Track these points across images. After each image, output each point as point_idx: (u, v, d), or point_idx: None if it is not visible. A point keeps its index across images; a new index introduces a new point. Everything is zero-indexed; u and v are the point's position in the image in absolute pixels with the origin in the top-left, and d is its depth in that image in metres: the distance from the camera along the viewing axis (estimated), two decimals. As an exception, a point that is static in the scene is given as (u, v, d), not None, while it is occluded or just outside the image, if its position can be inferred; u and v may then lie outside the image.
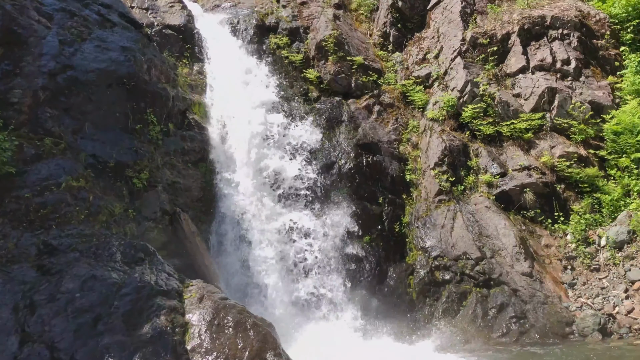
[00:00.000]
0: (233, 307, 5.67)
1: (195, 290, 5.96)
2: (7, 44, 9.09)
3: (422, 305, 9.22)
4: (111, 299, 5.51)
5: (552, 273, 9.11)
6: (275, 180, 9.98)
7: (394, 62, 13.72)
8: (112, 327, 5.24)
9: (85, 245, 6.18)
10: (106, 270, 5.73)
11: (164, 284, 5.85)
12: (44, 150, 8.00)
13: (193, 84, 11.76)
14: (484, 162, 10.61)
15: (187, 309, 5.74)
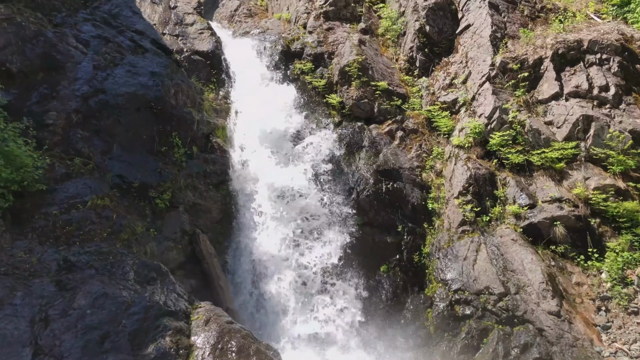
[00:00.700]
0: (238, 332, 5.87)
1: (202, 313, 6.21)
2: (47, 69, 9.91)
3: (440, 340, 9.13)
4: (120, 317, 5.79)
5: (583, 314, 8.88)
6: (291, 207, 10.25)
7: (419, 87, 13.91)
8: (118, 346, 5.49)
9: (101, 262, 6.56)
10: (118, 289, 6.06)
11: (172, 305, 6.13)
12: (74, 170, 8.59)
13: (218, 108, 12.31)
14: (512, 192, 10.54)
15: (193, 331, 5.97)
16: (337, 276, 9.73)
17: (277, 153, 11.10)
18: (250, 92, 12.53)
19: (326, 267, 9.78)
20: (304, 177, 10.64)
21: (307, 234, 10.00)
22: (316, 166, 10.88)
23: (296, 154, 11.19)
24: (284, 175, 10.63)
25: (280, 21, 16.17)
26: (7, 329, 5.41)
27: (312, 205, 10.30)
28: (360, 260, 10.06)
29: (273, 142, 11.23)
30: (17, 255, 6.31)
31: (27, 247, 6.51)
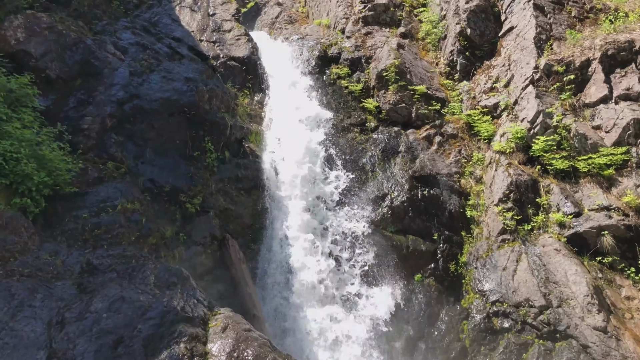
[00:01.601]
0: (255, 340, 5.72)
1: (221, 319, 6.10)
2: (85, 75, 10.21)
3: (476, 354, 8.69)
4: (135, 322, 5.75)
5: (633, 330, 8.22)
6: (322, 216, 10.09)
7: (460, 91, 13.48)
8: (131, 351, 5.44)
9: (123, 266, 6.59)
10: (136, 293, 6.05)
11: (190, 311, 6.05)
12: (106, 174, 8.75)
13: (252, 113, 12.34)
14: (556, 199, 9.97)
15: (210, 338, 5.86)
16: (367, 285, 9.41)
17: (308, 162, 10.93)
18: (283, 97, 12.46)
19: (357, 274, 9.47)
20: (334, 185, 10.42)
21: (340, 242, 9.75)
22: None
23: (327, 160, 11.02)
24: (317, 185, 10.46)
25: (320, 27, 16.11)
26: (24, 331, 5.43)
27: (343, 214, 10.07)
28: (393, 269, 9.70)
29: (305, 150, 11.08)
30: (42, 258, 6.44)
31: (53, 250, 6.63)
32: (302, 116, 11.81)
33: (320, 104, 12.60)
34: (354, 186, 10.81)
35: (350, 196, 10.65)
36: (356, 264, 9.68)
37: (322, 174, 10.75)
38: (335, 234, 9.92)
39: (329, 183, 10.67)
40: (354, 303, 9.35)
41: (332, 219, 10.10)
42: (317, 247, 9.58)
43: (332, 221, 10.06)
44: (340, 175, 10.83)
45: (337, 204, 10.34)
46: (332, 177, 10.75)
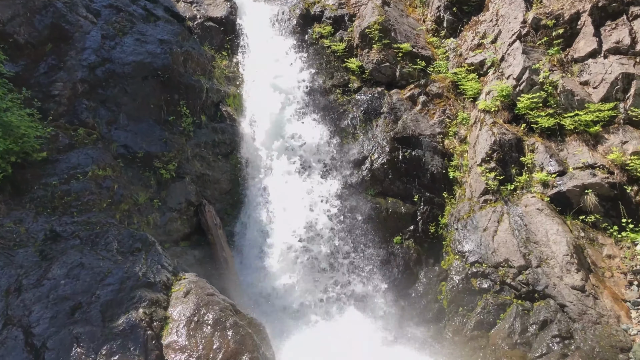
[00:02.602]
0: (217, 304, 5.68)
1: (184, 284, 6.05)
2: (55, 40, 9.87)
3: (454, 315, 8.69)
4: (94, 288, 5.71)
5: (612, 288, 8.19)
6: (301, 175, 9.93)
7: (446, 48, 13.10)
8: (88, 317, 5.41)
9: (87, 233, 6.51)
10: (96, 259, 5.99)
11: (152, 276, 6.00)
12: (77, 140, 8.58)
13: (231, 75, 12.03)
14: (540, 158, 9.78)
15: (171, 302, 5.84)
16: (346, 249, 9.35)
17: (287, 125, 10.71)
18: (263, 58, 12.11)
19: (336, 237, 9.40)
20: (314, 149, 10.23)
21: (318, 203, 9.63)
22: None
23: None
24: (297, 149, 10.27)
25: (305, -14, 15.51)
26: (-19, 299, 5.40)
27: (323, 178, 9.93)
28: (372, 232, 9.63)
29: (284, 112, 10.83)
30: (5, 226, 6.38)
31: (18, 218, 6.54)
32: (282, 77, 11.48)
33: (301, 64, 12.25)
34: (334, 149, 10.60)
35: (330, 159, 10.47)
36: (335, 227, 9.58)
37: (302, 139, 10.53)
38: (314, 197, 9.78)
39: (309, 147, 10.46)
40: (333, 267, 9.30)
41: (311, 183, 9.94)
42: (295, 212, 9.46)
43: (311, 185, 9.90)
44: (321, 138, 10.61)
45: (317, 168, 10.16)
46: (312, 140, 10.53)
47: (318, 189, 9.91)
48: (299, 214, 9.48)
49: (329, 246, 9.32)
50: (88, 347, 5.11)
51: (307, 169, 10.18)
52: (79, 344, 5.11)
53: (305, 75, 12.00)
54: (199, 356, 5.10)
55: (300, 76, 11.92)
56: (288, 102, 11.12)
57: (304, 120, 10.88)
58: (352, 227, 9.68)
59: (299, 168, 10.08)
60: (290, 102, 11.22)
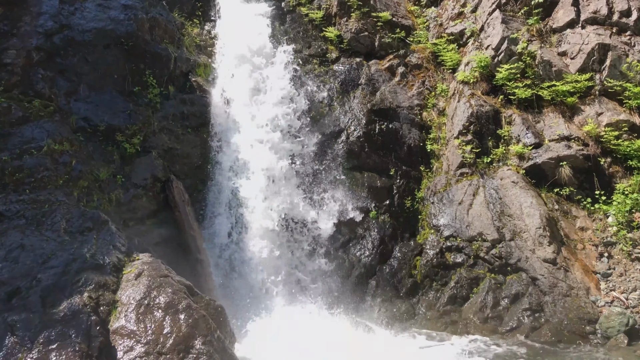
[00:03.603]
0: (170, 286, 5.48)
1: (137, 266, 5.82)
2: (7, 4, 9.31)
3: (428, 289, 8.73)
4: (35, 271, 5.41)
5: (583, 260, 8.27)
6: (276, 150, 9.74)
7: (427, 18, 12.85)
8: (27, 303, 5.13)
9: (33, 212, 6.20)
10: (40, 240, 5.70)
11: (101, 258, 5.74)
12: (32, 113, 8.17)
13: (202, 44, 11.63)
14: (517, 130, 9.75)
15: (122, 285, 5.60)
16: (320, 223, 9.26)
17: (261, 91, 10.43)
18: (236, 26, 11.71)
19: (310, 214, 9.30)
20: (290, 118, 9.99)
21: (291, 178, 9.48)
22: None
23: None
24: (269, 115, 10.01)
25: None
26: None
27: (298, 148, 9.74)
28: (347, 206, 9.53)
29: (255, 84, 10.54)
30: None
31: None
32: (254, 47, 11.14)
33: (276, 33, 11.89)
34: (308, 122, 10.40)
35: (305, 133, 10.27)
36: (310, 203, 9.45)
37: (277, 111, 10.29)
38: (287, 172, 9.61)
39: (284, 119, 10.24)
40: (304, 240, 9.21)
41: (285, 158, 9.75)
42: (267, 186, 9.30)
43: (284, 159, 9.71)
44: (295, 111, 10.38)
45: (291, 141, 9.96)
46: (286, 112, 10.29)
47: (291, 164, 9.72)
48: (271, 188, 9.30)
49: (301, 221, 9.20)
50: (24, 336, 4.84)
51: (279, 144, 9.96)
52: (14, 333, 4.83)
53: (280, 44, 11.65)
54: (148, 342, 4.92)
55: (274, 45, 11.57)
56: (261, 73, 10.79)
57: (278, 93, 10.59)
58: (325, 203, 9.56)
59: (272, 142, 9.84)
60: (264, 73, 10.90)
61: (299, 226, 9.27)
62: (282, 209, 9.18)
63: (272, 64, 11.24)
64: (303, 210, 9.33)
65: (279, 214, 9.11)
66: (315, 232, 9.30)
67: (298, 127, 10.20)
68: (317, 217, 9.33)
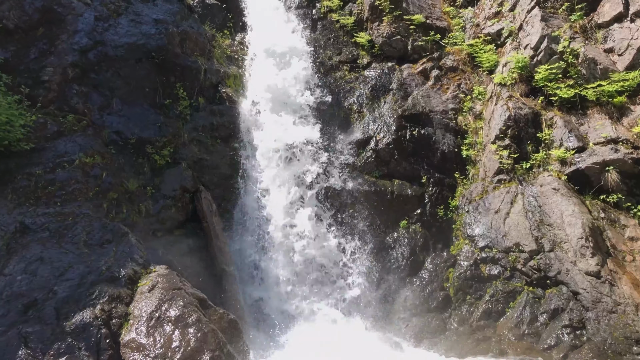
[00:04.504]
0: (181, 299, 5.52)
1: (152, 278, 5.90)
2: (47, 24, 9.84)
3: (461, 303, 8.40)
4: (51, 284, 5.58)
5: (632, 274, 7.73)
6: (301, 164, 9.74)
7: (463, 18, 12.54)
8: (42, 315, 5.26)
9: (57, 224, 6.44)
10: (59, 253, 5.89)
11: (117, 270, 5.88)
12: (66, 127, 8.57)
13: (233, 55, 11.83)
14: (559, 133, 9.28)
15: (135, 297, 5.70)
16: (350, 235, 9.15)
17: (290, 104, 10.48)
18: (267, 36, 11.85)
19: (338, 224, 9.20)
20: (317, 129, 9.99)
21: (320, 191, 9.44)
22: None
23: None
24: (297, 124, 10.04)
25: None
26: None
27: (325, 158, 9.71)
28: (376, 216, 9.37)
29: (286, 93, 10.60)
30: None
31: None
32: (283, 57, 11.22)
33: (307, 41, 11.94)
34: (336, 130, 10.34)
35: (332, 141, 10.21)
36: (337, 212, 9.36)
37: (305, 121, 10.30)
38: (314, 182, 9.57)
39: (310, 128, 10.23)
40: (333, 253, 9.12)
41: (312, 167, 9.73)
42: (295, 198, 9.29)
43: (311, 169, 9.68)
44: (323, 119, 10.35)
45: (318, 150, 9.93)
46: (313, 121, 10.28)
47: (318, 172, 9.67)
48: (297, 199, 9.29)
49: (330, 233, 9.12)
50: (36, 348, 4.96)
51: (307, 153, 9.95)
52: (27, 345, 4.97)
53: (310, 53, 11.68)
54: (156, 355, 4.96)
55: (305, 54, 11.61)
56: (293, 82, 10.85)
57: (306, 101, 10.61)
58: (354, 212, 9.43)
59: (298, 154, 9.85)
60: (295, 82, 10.95)
61: (326, 236, 9.18)
62: (310, 219, 9.12)
63: (302, 72, 11.25)
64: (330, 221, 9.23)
65: (306, 225, 9.05)
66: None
67: (326, 136, 10.13)
68: (344, 224, 9.22)
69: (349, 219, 9.32)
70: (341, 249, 9.12)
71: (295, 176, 9.56)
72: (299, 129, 10.03)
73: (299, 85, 11.03)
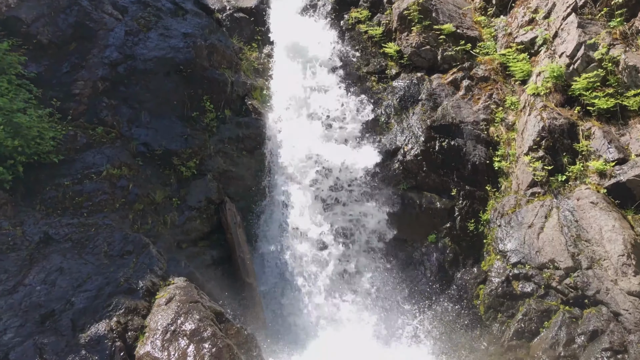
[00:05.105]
0: (198, 313, 5.46)
1: (170, 290, 5.88)
2: (80, 39, 10.16)
3: (491, 322, 8.09)
4: (69, 295, 5.60)
5: (680, 293, 7.28)
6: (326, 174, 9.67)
7: (495, 27, 12.30)
8: (59, 326, 5.21)
9: (79, 235, 6.54)
10: (78, 263, 5.94)
11: (135, 282, 5.88)
12: (95, 139, 8.77)
13: (260, 68, 11.94)
14: (597, 145, 8.92)
15: (152, 310, 5.68)
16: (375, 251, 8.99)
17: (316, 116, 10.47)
18: (294, 48, 11.93)
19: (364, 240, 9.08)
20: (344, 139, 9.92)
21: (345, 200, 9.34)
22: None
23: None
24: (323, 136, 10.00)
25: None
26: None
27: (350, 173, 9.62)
28: (403, 231, 9.19)
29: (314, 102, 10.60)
30: (3, 228, 6.46)
31: (20, 220, 6.66)
32: (310, 68, 11.25)
33: (335, 52, 11.94)
34: (364, 143, 10.24)
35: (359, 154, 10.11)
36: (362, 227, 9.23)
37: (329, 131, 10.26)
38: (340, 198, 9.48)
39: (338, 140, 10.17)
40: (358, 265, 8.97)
41: (338, 180, 9.65)
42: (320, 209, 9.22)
43: (337, 182, 9.60)
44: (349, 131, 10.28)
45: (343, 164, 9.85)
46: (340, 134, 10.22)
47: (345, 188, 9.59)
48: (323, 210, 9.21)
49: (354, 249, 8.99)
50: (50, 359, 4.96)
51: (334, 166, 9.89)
52: (42, 356, 4.97)
53: (338, 64, 11.68)
54: None
55: (333, 65, 11.62)
56: (316, 95, 10.85)
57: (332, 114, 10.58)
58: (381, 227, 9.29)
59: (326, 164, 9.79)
60: (319, 95, 10.95)
61: (352, 249, 9.06)
62: (335, 234, 9.02)
63: (328, 84, 11.24)
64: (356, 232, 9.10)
65: (331, 239, 8.95)
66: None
67: (353, 148, 10.05)
68: (370, 239, 9.09)
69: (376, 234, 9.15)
70: (366, 262, 8.95)
71: (320, 188, 9.44)
72: (324, 141, 9.94)
73: (326, 99, 10.99)
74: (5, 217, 6.63)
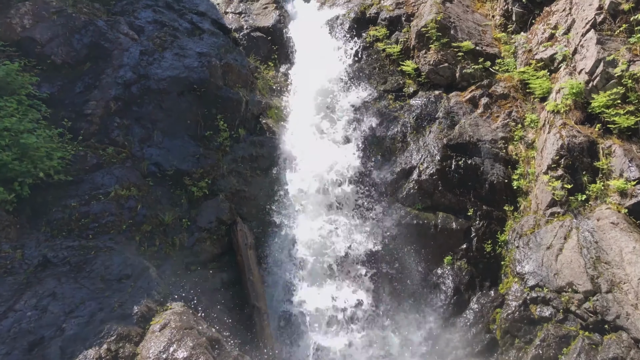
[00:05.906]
0: (191, 340, 5.52)
1: (165, 316, 5.94)
2: (94, 59, 10.60)
3: (508, 347, 8.08)
4: (60, 321, 5.59)
5: None
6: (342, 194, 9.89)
7: (515, 44, 12.47)
8: (46, 354, 5.21)
9: (78, 258, 6.61)
10: (72, 288, 5.97)
11: (129, 308, 5.91)
12: (105, 160, 9.06)
13: (277, 87, 12.27)
14: (618, 163, 8.94)
15: (146, 337, 5.72)
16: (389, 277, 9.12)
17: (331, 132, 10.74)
18: (311, 67, 12.27)
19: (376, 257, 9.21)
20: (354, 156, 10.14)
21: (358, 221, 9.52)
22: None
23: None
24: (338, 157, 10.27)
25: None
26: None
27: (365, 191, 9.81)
28: (417, 252, 9.30)
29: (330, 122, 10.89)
30: (3, 251, 6.45)
31: (21, 242, 6.75)
32: (327, 88, 11.54)
33: (350, 70, 12.24)
34: (379, 163, 10.43)
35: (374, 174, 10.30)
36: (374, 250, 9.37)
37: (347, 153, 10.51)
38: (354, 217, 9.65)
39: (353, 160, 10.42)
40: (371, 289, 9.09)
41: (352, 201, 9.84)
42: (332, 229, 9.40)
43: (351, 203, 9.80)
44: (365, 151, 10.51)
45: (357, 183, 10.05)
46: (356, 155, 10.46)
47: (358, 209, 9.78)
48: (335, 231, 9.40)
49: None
50: None
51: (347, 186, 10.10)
52: None
53: (354, 82, 11.96)
54: None
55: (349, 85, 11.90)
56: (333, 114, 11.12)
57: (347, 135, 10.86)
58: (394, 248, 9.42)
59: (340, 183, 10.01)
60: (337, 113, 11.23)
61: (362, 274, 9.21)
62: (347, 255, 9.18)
63: (345, 104, 11.51)
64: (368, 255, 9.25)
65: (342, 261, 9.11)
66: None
67: (367, 168, 10.25)
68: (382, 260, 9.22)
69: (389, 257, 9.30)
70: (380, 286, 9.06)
71: (332, 208, 9.64)
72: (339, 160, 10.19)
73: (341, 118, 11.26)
74: (7, 239, 6.76)
